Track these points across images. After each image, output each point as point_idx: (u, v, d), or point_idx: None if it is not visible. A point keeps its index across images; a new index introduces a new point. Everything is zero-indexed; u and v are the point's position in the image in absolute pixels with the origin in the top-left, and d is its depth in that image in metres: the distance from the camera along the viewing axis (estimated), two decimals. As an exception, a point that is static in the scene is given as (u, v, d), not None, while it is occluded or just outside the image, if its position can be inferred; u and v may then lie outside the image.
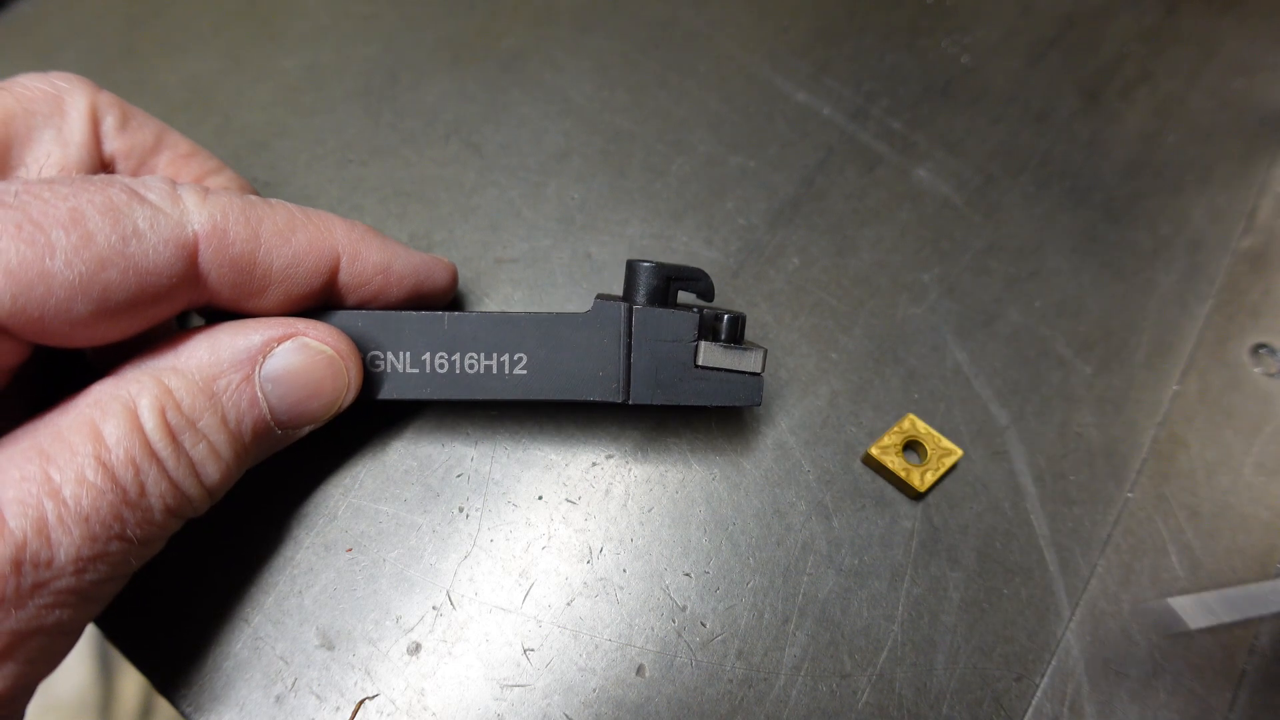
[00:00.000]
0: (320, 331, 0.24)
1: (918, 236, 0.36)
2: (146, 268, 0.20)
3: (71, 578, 0.19)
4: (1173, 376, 0.34)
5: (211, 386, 0.22)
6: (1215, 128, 0.41)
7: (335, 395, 0.25)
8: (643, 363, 0.26)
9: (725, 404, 0.26)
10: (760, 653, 0.27)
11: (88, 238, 0.19)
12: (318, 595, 0.26)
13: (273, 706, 0.25)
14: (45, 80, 0.25)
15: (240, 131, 0.37)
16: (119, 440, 0.20)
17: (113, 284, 0.20)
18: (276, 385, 0.23)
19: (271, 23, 0.41)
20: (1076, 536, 0.30)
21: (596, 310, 0.26)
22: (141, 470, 0.20)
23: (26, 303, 0.18)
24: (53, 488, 0.19)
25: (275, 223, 0.23)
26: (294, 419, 0.24)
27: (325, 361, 0.24)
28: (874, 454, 0.30)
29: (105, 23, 0.40)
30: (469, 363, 0.26)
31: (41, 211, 0.19)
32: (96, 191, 0.20)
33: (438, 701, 0.25)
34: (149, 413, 0.20)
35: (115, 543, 0.20)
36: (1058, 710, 0.27)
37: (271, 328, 0.23)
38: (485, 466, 0.29)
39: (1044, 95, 0.42)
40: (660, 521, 0.29)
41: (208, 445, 0.22)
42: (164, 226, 0.21)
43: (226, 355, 0.22)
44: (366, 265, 0.25)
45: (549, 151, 0.37)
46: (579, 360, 0.26)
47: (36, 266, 0.18)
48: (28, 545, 0.18)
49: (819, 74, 0.41)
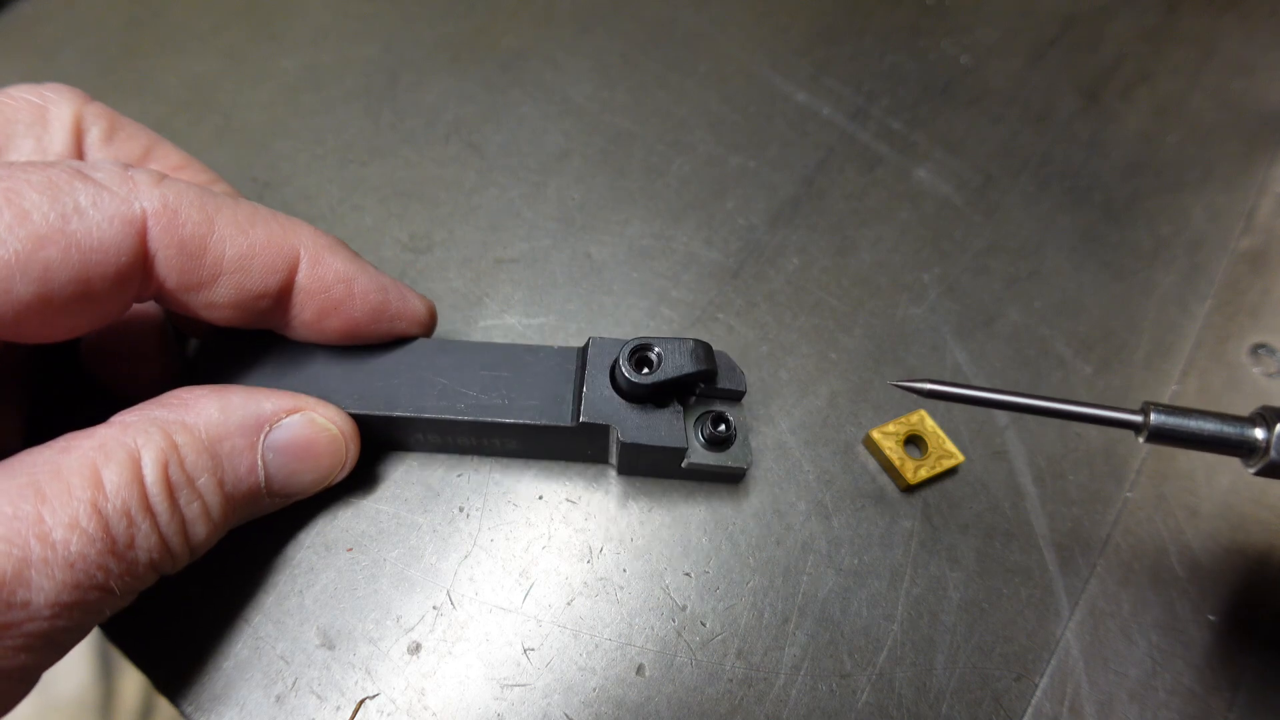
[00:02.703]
0: (328, 410, 0.24)
1: (918, 236, 0.36)
2: (90, 245, 0.19)
3: (44, 622, 0.18)
4: (1172, 376, 0.34)
5: (216, 447, 0.22)
6: (1215, 128, 0.41)
7: (330, 472, 0.25)
8: (628, 460, 0.28)
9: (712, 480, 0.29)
10: (760, 652, 0.27)
11: (23, 215, 0.18)
12: (318, 595, 0.26)
13: (273, 706, 0.25)
14: (33, 91, 0.25)
15: (240, 131, 0.37)
16: (118, 489, 0.19)
17: (53, 262, 0.19)
18: (277, 455, 0.23)
19: (271, 23, 0.41)
20: (1076, 536, 0.30)
21: (583, 427, 0.26)
22: (135, 523, 0.20)
23: None
24: (43, 530, 0.18)
25: (234, 214, 0.22)
26: (286, 489, 0.24)
27: (328, 439, 0.24)
28: (874, 437, 0.30)
29: (105, 23, 0.40)
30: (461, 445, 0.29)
31: None
32: (35, 172, 0.19)
33: (438, 701, 0.25)
34: (151, 466, 0.20)
35: (95, 592, 0.19)
36: (1057, 710, 0.27)
37: (282, 399, 0.24)
38: (485, 466, 0.29)
39: (1044, 95, 0.42)
40: (660, 521, 0.29)
41: (201, 505, 0.22)
42: (108, 204, 0.20)
43: (236, 419, 0.22)
44: (328, 271, 0.24)
45: (549, 151, 0.37)
46: (565, 450, 0.29)
47: None
48: (5, 584, 0.17)
49: (819, 74, 0.41)
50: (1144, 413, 0.22)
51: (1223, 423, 0.22)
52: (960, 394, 0.23)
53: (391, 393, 0.26)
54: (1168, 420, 0.22)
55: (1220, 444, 0.22)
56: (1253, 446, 0.22)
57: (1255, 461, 0.22)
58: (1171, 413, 0.22)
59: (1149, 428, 0.22)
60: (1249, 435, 0.22)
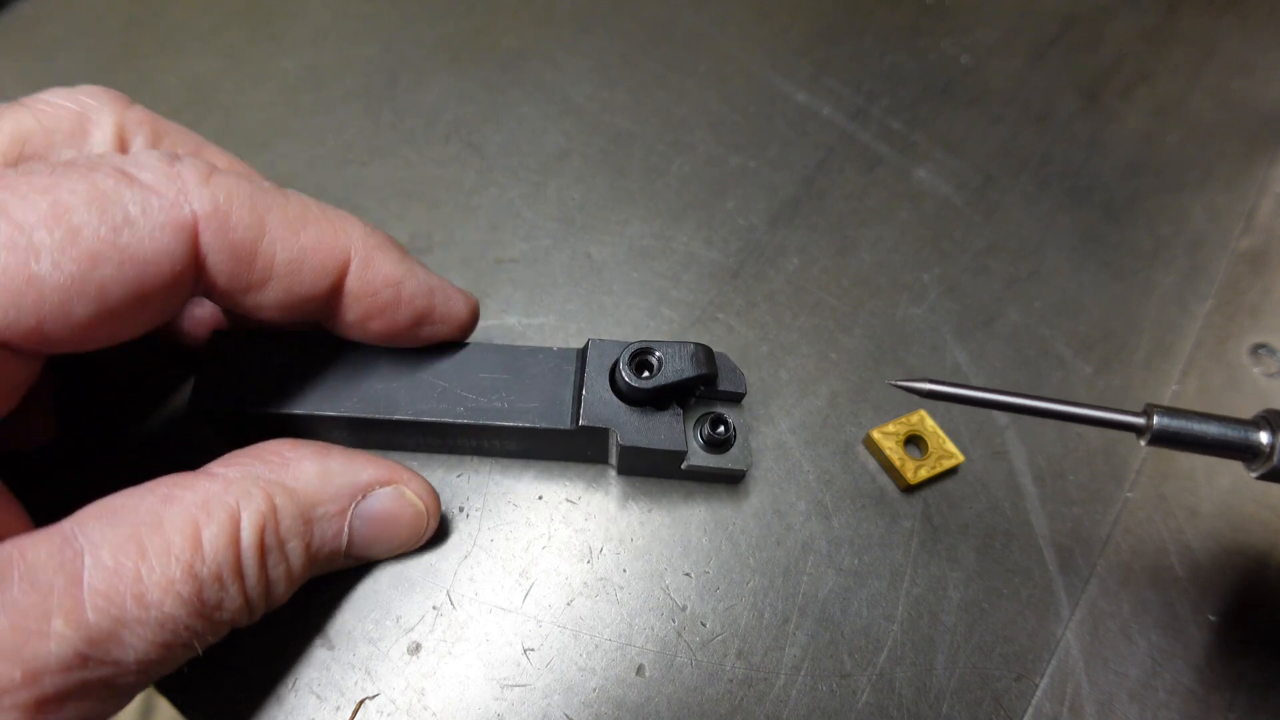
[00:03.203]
0: (419, 485, 0.25)
1: (918, 236, 0.36)
2: (143, 257, 0.18)
3: (130, 678, 0.19)
4: (1172, 376, 0.34)
5: (311, 513, 0.22)
6: (1215, 128, 0.41)
7: (408, 544, 0.26)
8: (628, 461, 0.28)
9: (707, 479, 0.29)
10: (760, 652, 0.27)
11: (74, 233, 0.17)
12: (318, 594, 0.26)
13: (273, 706, 0.25)
14: (71, 97, 0.24)
15: (240, 131, 0.37)
16: (215, 552, 0.19)
17: (108, 280, 0.18)
18: (364, 525, 0.24)
19: (271, 23, 0.41)
20: (1076, 536, 0.30)
21: (583, 430, 0.26)
22: (225, 586, 0.20)
23: (19, 314, 0.17)
24: (140, 590, 0.18)
25: (285, 213, 0.21)
26: (363, 555, 0.25)
27: (413, 515, 0.25)
28: (874, 437, 0.30)
29: (105, 23, 0.40)
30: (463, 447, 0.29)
31: (20, 209, 0.17)
32: (79, 179, 0.18)
33: (438, 701, 0.25)
34: (249, 529, 0.20)
35: (179, 650, 0.20)
36: (1058, 710, 0.27)
37: (379, 469, 0.24)
38: (485, 466, 0.29)
39: (1044, 95, 0.42)
40: (660, 521, 0.29)
41: (286, 568, 0.22)
42: (158, 210, 0.19)
43: (333, 486, 0.23)
44: (378, 275, 0.23)
45: (549, 151, 0.37)
46: (566, 452, 0.29)
47: (21, 273, 0.17)
48: (100, 642, 0.18)
49: (819, 74, 0.41)
50: (1146, 415, 0.22)
51: (1226, 426, 0.22)
52: (959, 394, 0.23)
53: (391, 396, 0.26)
54: (1171, 423, 0.22)
55: (1223, 447, 0.22)
56: (1256, 450, 0.22)
57: (1259, 466, 0.22)
58: (1174, 415, 0.22)
59: (1151, 430, 0.22)
60: (1253, 439, 0.22)
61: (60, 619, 0.17)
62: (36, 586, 0.17)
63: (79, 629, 0.17)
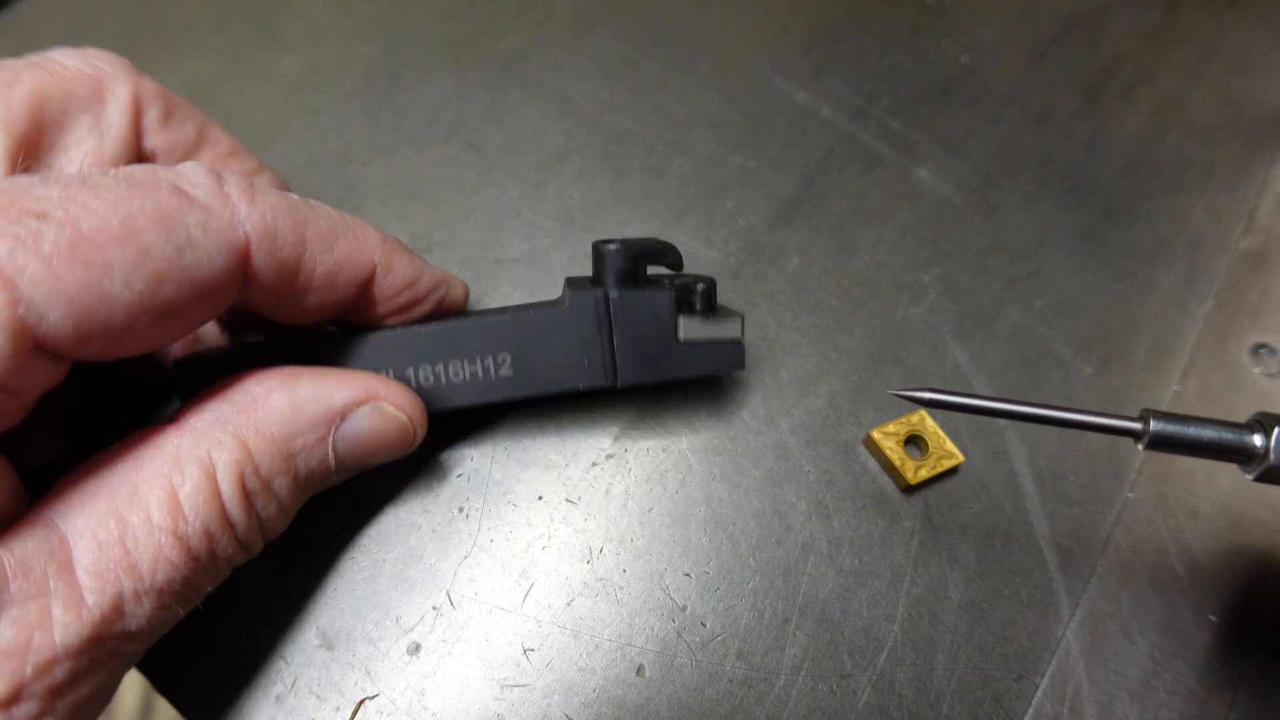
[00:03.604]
0: (397, 396, 0.24)
1: (918, 236, 0.36)
2: (202, 279, 0.19)
3: (137, 644, 0.19)
4: (1173, 376, 0.34)
5: (289, 447, 0.22)
6: (1215, 128, 0.41)
7: (396, 454, 0.25)
8: (626, 346, 0.26)
9: (712, 372, 0.27)
10: (760, 653, 0.27)
11: (144, 253, 0.18)
12: (317, 595, 0.26)
13: (273, 706, 0.25)
14: (84, 59, 0.24)
15: (240, 131, 0.37)
16: (197, 511, 0.19)
17: (172, 300, 0.18)
18: (348, 445, 0.23)
19: (271, 23, 0.41)
20: (1076, 536, 0.30)
21: (572, 303, 0.26)
22: (215, 539, 0.20)
23: (89, 329, 0.17)
24: (130, 562, 0.18)
25: (319, 226, 0.22)
26: (352, 470, 0.24)
27: (398, 427, 0.24)
28: (875, 437, 0.30)
29: (105, 23, 0.40)
30: (453, 372, 0.26)
31: (93, 226, 0.17)
32: (145, 197, 0.18)
33: (438, 701, 0.25)
34: (227, 478, 0.20)
35: (179, 605, 0.20)
36: (1058, 710, 0.27)
37: (352, 388, 0.23)
38: (485, 466, 0.29)
39: (1044, 95, 0.42)
40: (660, 521, 0.29)
41: (278, 504, 0.22)
42: (216, 231, 0.19)
43: (307, 415, 0.22)
44: (399, 278, 0.25)
45: (549, 151, 0.37)
46: (563, 353, 0.26)
47: (96, 291, 0.17)
48: (105, 621, 0.18)
49: (819, 74, 0.41)
50: (1143, 421, 0.23)
51: (1221, 429, 0.22)
52: (960, 403, 0.23)
53: None
54: (1167, 428, 0.22)
55: (1219, 451, 0.23)
56: (1251, 452, 0.22)
57: (1254, 467, 0.22)
58: (1170, 420, 0.23)
59: (1148, 435, 0.23)
60: (1247, 441, 0.22)
61: (60, 608, 0.17)
62: (31, 580, 0.17)
63: (80, 615, 0.18)
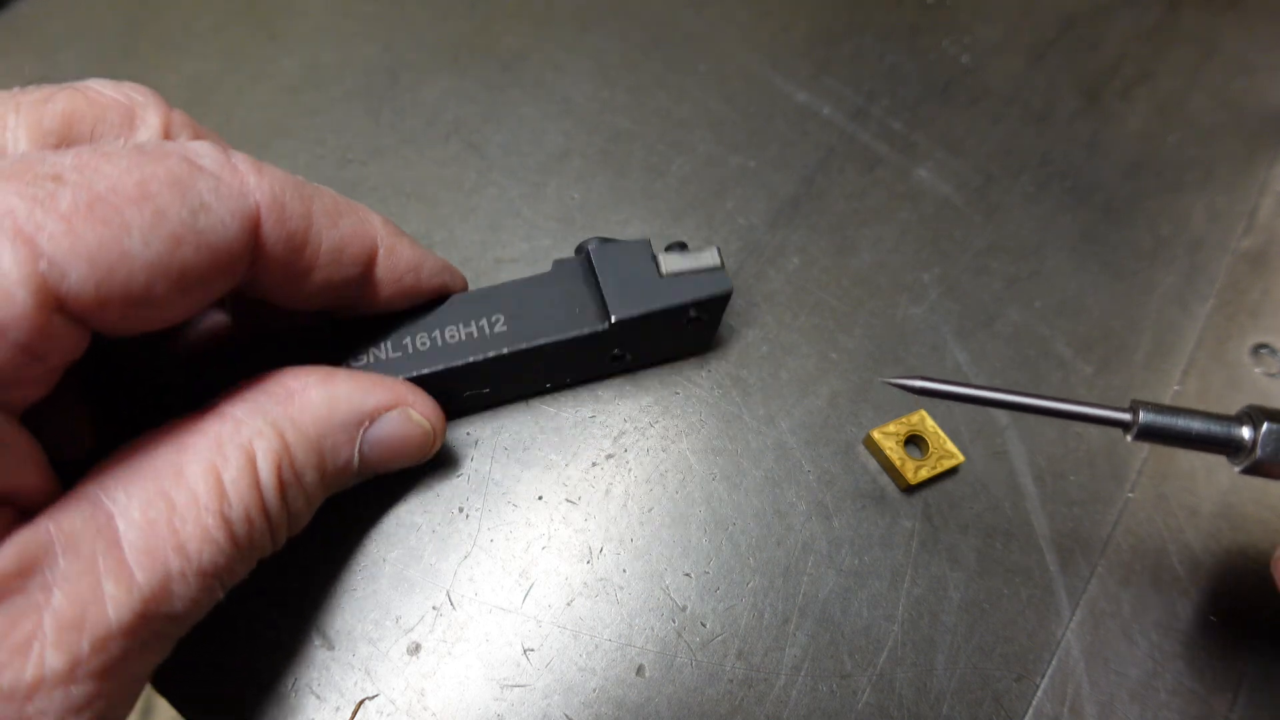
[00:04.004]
0: (423, 405, 0.25)
1: (918, 236, 0.36)
2: (216, 243, 0.19)
3: (181, 625, 0.20)
4: (1173, 376, 0.34)
5: (321, 444, 0.22)
6: (1215, 128, 0.41)
7: (415, 460, 0.26)
8: (612, 286, 0.27)
9: (701, 297, 0.27)
10: (760, 653, 0.27)
11: (160, 215, 0.18)
12: (317, 595, 0.26)
13: (273, 706, 0.25)
14: (118, 89, 0.24)
15: (240, 131, 0.37)
16: (240, 496, 0.20)
17: (188, 263, 0.18)
18: (373, 449, 0.24)
19: (271, 23, 0.41)
20: (1076, 536, 0.30)
21: (557, 266, 0.28)
22: (254, 525, 0.20)
23: (110, 289, 0.17)
24: (178, 541, 0.19)
25: (324, 203, 0.22)
26: (372, 473, 0.25)
27: (420, 435, 0.25)
28: (875, 437, 0.30)
29: (105, 23, 0.40)
30: (449, 335, 0.26)
31: (109, 187, 0.17)
32: (157, 163, 0.18)
33: (438, 701, 0.25)
34: (267, 469, 0.21)
35: (219, 590, 0.20)
36: (1058, 710, 0.27)
37: (384, 393, 0.24)
38: (485, 466, 0.29)
39: (1044, 95, 0.42)
40: (660, 521, 0.29)
41: (305, 499, 0.22)
42: (227, 197, 0.19)
43: (341, 414, 0.23)
44: (401, 261, 0.25)
45: (549, 151, 0.37)
46: (555, 308, 0.27)
47: (115, 249, 0.17)
48: (154, 599, 0.18)
49: (819, 74, 0.41)
50: (1133, 411, 0.23)
51: (1210, 421, 0.23)
52: (951, 391, 0.24)
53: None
54: (1156, 418, 0.23)
55: (1208, 442, 0.23)
56: (1239, 445, 0.22)
57: (1241, 460, 0.22)
58: (1160, 411, 0.23)
59: (1137, 426, 0.23)
60: (1236, 434, 0.22)
61: (111, 583, 0.18)
62: (81, 557, 0.17)
63: (131, 591, 0.18)
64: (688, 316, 0.28)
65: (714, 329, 0.31)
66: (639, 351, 0.30)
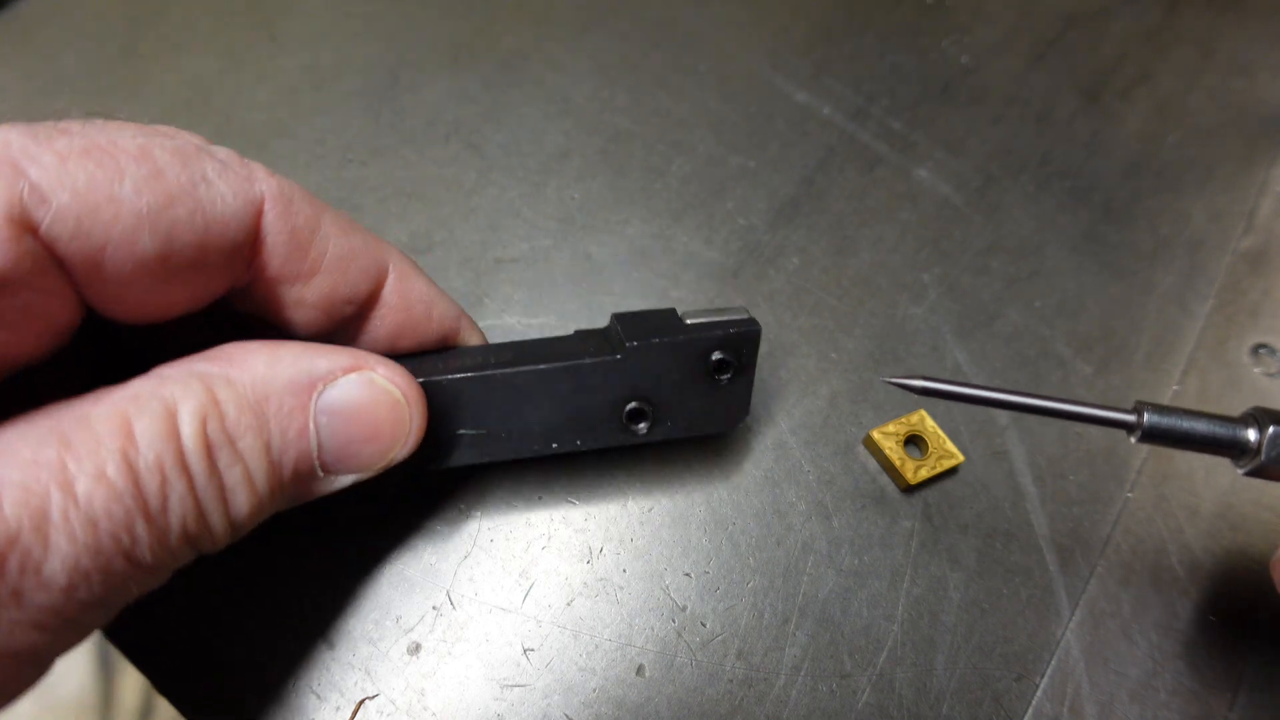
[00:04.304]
0: (389, 370, 0.22)
1: (918, 236, 0.36)
2: (213, 213, 0.19)
3: (59, 594, 0.16)
4: (1173, 376, 0.34)
5: (263, 406, 0.19)
6: (1215, 128, 0.41)
7: (391, 443, 0.22)
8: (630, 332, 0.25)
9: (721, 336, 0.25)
10: (760, 653, 0.27)
11: (157, 172, 0.18)
12: (317, 595, 0.26)
13: (273, 706, 0.25)
14: None
15: (240, 131, 0.37)
16: (150, 442, 0.17)
17: (180, 222, 0.18)
18: (332, 419, 0.21)
19: (271, 23, 0.41)
20: (1076, 536, 0.30)
21: (580, 332, 0.26)
22: (168, 481, 0.18)
23: (92, 227, 0.17)
24: (65, 478, 0.16)
25: (336, 216, 0.22)
26: (342, 462, 0.21)
27: (389, 403, 0.21)
28: (874, 437, 0.30)
29: (105, 23, 0.40)
30: (446, 362, 0.25)
31: (109, 141, 0.18)
32: (164, 137, 0.19)
33: (438, 701, 0.25)
34: (189, 420, 0.18)
35: (119, 560, 0.17)
36: (1058, 710, 0.27)
37: (338, 356, 0.21)
38: (485, 466, 0.29)
39: (1044, 95, 0.42)
40: (660, 521, 0.29)
41: (243, 470, 0.19)
42: (232, 179, 0.20)
43: (285, 374, 0.20)
44: (413, 289, 0.24)
45: (549, 151, 0.37)
46: (567, 346, 0.25)
47: (105, 189, 0.17)
48: (20, 540, 0.15)
49: (819, 74, 0.41)
50: (1137, 413, 0.23)
51: (1214, 423, 0.22)
52: (953, 391, 0.23)
53: None
54: (1161, 420, 0.22)
55: (1212, 444, 0.23)
56: (1244, 447, 0.22)
57: (1246, 462, 0.22)
58: (1164, 413, 0.22)
59: (1142, 428, 0.22)
60: (1241, 436, 0.22)
61: None
62: None
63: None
64: (713, 362, 0.25)
65: (748, 388, 0.26)
66: (660, 407, 0.26)
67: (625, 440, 0.26)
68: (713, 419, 0.26)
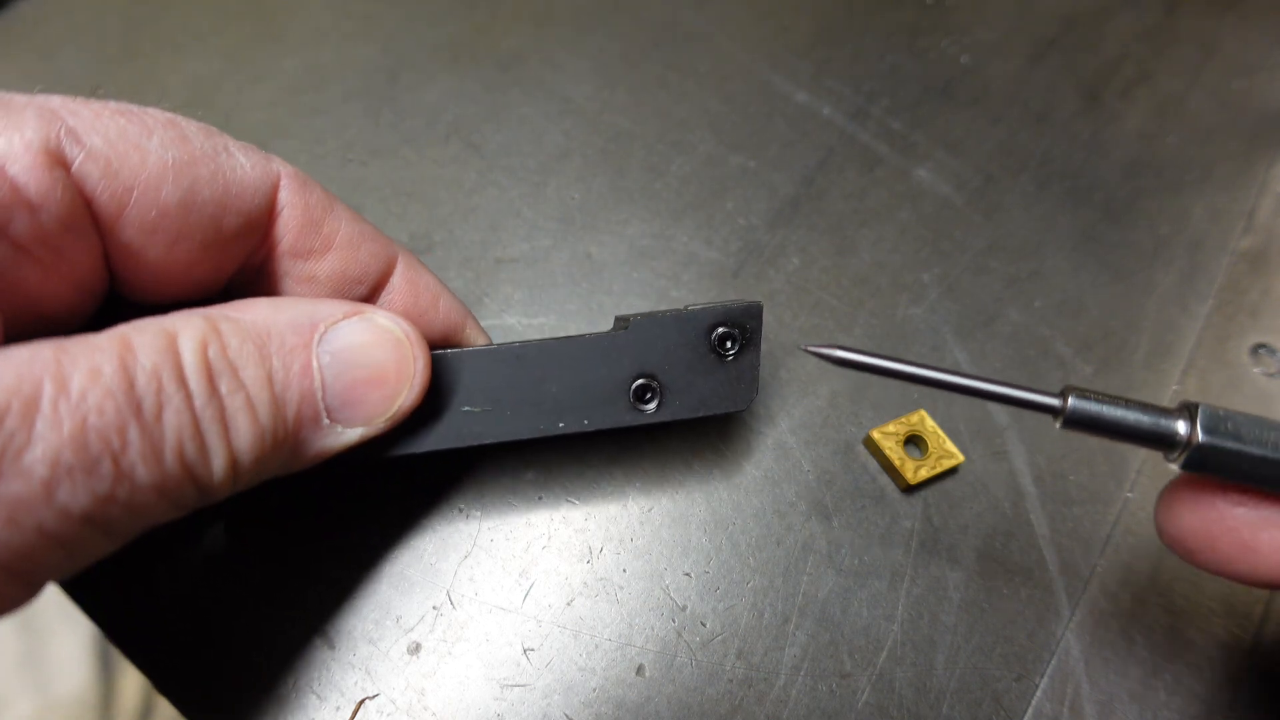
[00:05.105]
0: (391, 314, 0.22)
1: (918, 236, 0.36)
2: (233, 180, 0.21)
3: (39, 486, 0.15)
4: (1173, 376, 0.34)
5: (264, 340, 0.19)
6: (1215, 128, 0.41)
7: (397, 388, 0.21)
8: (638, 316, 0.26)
9: (725, 318, 0.25)
10: (760, 653, 0.27)
11: (183, 136, 0.20)
12: (318, 594, 0.26)
13: (273, 706, 0.25)
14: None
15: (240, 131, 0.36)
16: (148, 353, 0.17)
17: (201, 180, 0.20)
18: (335, 359, 0.20)
19: (271, 23, 0.41)
20: (1076, 536, 0.30)
21: None
22: (165, 391, 0.17)
23: (120, 168, 0.19)
24: (59, 371, 0.15)
25: (349, 210, 0.25)
26: (348, 407, 0.21)
27: (392, 343, 0.21)
28: (874, 437, 0.30)
29: (105, 23, 0.40)
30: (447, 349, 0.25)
31: (140, 108, 0.20)
32: (193, 122, 0.21)
33: (438, 701, 0.25)
34: (190, 345, 0.18)
35: (107, 463, 0.16)
36: (1058, 710, 0.27)
37: (341, 303, 0.21)
38: (485, 467, 0.29)
39: (1044, 95, 0.42)
40: (660, 521, 0.29)
41: (245, 398, 0.18)
42: (253, 154, 0.22)
43: (287, 315, 0.20)
44: (421, 279, 0.26)
45: (549, 151, 0.37)
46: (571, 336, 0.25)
47: (133, 140, 0.19)
48: (5, 420, 0.15)
49: (819, 74, 0.41)
50: (1062, 396, 0.21)
51: (1143, 413, 0.21)
52: (871, 364, 0.22)
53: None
54: (1086, 406, 0.21)
55: (1139, 435, 0.21)
56: (1173, 440, 0.21)
57: (1176, 456, 0.21)
58: (1092, 399, 0.21)
59: (1065, 413, 0.21)
60: (1168, 427, 0.21)
61: None
62: None
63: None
64: (718, 335, 0.25)
65: (755, 367, 0.26)
66: (668, 385, 0.25)
67: (633, 420, 0.25)
68: (721, 398, 0.26)
